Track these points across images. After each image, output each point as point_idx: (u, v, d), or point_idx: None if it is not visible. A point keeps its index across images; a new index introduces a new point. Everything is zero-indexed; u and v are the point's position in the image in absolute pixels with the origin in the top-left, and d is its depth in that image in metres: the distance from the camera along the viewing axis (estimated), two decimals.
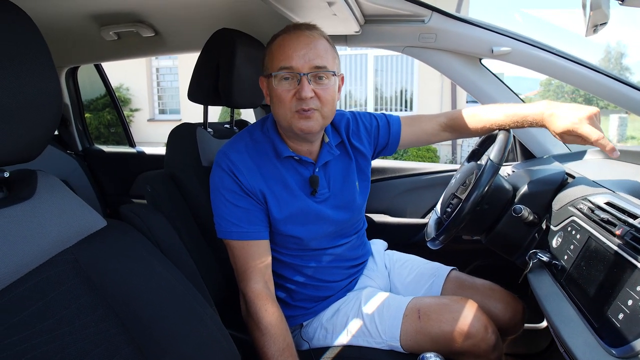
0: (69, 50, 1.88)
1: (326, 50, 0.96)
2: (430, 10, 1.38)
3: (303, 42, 0.93)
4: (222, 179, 1.00)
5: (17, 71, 0.55)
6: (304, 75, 0.92)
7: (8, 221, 0.58)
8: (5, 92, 0.54)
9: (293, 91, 0.94)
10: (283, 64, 0.93)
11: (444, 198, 1.20)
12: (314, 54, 0.93)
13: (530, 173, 1.12)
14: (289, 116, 0.95)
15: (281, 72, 0.93)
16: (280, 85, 0.94)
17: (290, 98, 0.94)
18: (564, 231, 0.89)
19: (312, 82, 0.93)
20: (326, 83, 0.95)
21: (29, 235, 0.60)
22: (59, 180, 0.69)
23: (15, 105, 0.55)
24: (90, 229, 0.68)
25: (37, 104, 0.58)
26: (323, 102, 0.95)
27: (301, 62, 0.92)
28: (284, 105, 0.95)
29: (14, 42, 0.56)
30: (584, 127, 0.94)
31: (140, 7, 1.42)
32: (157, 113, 9.16)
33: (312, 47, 0.93)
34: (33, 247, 0.59)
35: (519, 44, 1.36)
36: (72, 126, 2.28)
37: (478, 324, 0.98)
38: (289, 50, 0.93)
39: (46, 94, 0.59)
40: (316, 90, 0.94)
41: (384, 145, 1.20)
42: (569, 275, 0.80)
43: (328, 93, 0.95)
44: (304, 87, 0.92)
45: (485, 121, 1.14)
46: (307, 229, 1.05)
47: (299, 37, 0.94)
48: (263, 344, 0.93)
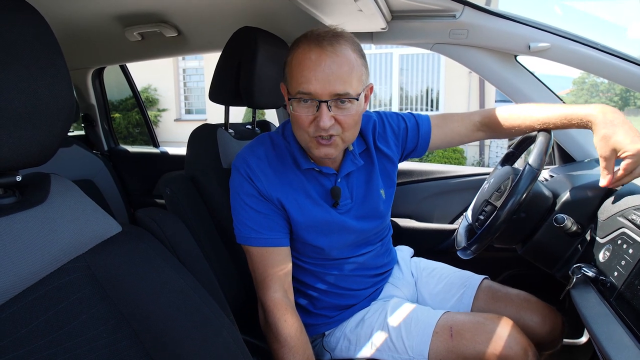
0: (95, 52, 1.91)
1: (351, 70, 0.85)
2: (462, 5, 1.30)
3: (324, 64, 0.83)
4: (241, 183, 0.96)
5: (30, 74, 0.53)
6: (323, 102, 0.84)
7: (20, 227, 0.56)
8: (18, 95, 0.52)
9: (311, 117, 0.87)
10: (302, 88, 0.85)
11: (476, 204, 1.12)
12: (336, 79, 0.83)
13: (572, 178, 1.03)
14: (307, 140, 0.90)
15: (300, 96, 0.86)
16: (299, 108, 0.87)
17: (308, 123, 0.87)
18: (613, 244, 0.81)
19: (333, 107, 0.86)
20: (348, 108, 0.87)
21: (41, 241, 0.57)
22: (72, 183, 0.66)
23: (28, 109, 0.53)
24: (105, 235, 0.66)
25: (50, 107, 0.56)
26: (344, 127, 0.88)
27: (321, 88, 0.84)
28: (302, 129, 0.89)
29: (27, 43, 0.53)
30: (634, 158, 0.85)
31: (163, 7, 1.41)
32: (184, 113, 9.33)
33: (334, 70, 0.83)
34: (45, 254, 0.57)
35: (558, 39, 1.26)
36: (98, 126, 2.32)
37: (517, 346, 0.90)
38: (308, 72, 0.84)
39: (59, 97, 0.57)
40: (337, 117, 0.86)
41: (412, 148, 1.14)
42: (620, 294, 0.72)
43: (350, 118, 0.88)
44: (323, 116, 0.84)
45: (525, 119, 1.05)
46: (330, 239, 1.01)
47: (320, 56, 0.83)
48: (282, 356, 0.89)
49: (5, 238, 0.54)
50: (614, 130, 0.87)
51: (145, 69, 8.12)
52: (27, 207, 0.58)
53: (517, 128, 1.07)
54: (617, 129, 0.87)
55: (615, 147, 0.86)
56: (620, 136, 0.86)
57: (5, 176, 0.57)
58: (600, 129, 0.89)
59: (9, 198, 0.58)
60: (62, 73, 0.57)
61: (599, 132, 0.90)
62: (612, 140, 0.87)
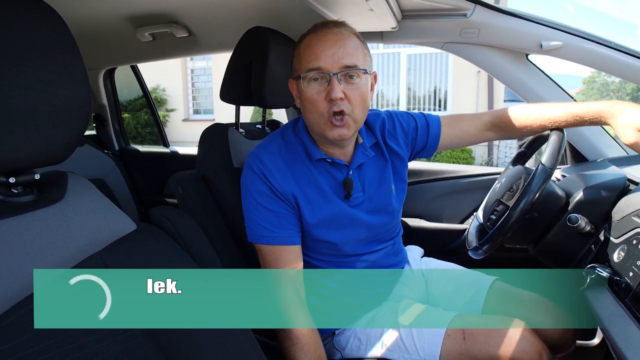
0: (106, 52, 1.93)
1: (356, 47, 0.91)
2: (473, 4, 1.30)
3: (331, 41, 0.89)
4: (254, 181, 0.97)
5: (49, 74, 0.54)
6: (333, 75, 0.88)
7: (39, 224, 0.57)
8: (37, 95, 0.53)
9: (323, 93, 0.90)
10: (311, 64, 0.89)
11: (487, 204, 1.12)
12: (343, 52, 0.89)
13: (585, 178, 1.02)
14: (322, 122, 0.92)
15: (310, 73, 0.90)
16: (310, 87, 0.91)
17: (321, 101, 0.90)
18: (628, 244, 0.80)
19: (343, 82, 0.90)
20: (357, 82, 0.91)
21: (59, 238, 0.58)
22: (89, 182, 0.67)
23: (48, 108, 0.54)
24: (120, 233, 0.67)
25: (69, 107, 0.57)
26: (353, 104, 0.91)
27: (330, 61, 0.88)
28: (315, 109, 0.91)
29: (47, 44, 0.54)
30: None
31: (174, 8, 1.43)
32: (192, 113, 9.39)
33: (340, 45, 0.89)
34: (62, 250, 0.58)
35: (571, 37, 1.25)
36: (109, 126, 2.34)
37: (531, 350, 0.89)
38: (317, 50, 0.89)
39: (77, 97, 0.58)
40: (346, 92, 0.90)
41: (421, 147, 1.14)
42: (635, 295, 0.71)
43: (359, 94, 0.91)
44: (334, 87, 0.88)
45: (537, 119, 1.05)
46: (341, 234, 1.01)
47: (327, 35, 0.90)
48: (294, 355, 0.90)
49: (25, 235, 0.55)
50: (629, 115, 0.93)
51: (154, 69, 8.18)
52: (45, 204, 0.59)
53: (529, 127, 1.07)
54: (631, 113, 0.93)
55: (637, 127, 0.91)
56: (636, 116, 0.91)
57: (25, 174, 0.58)
58: (616, 118, 0.94)
59: (27, 196, 0.59)
60: (80, 74, 0.58)
61: (617, 122, 0.94)
62: (631, 122, 0.92)
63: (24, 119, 0.52)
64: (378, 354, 1.00)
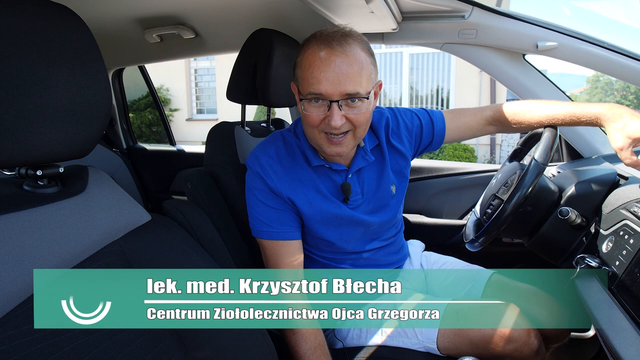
0: (115, 53, 1.98)
1: (360, 69, 0.87)
2: (471, 6, 1.34)
3: (334, 64, 0.85)
4: (253, 180, 1.01)
5: (74, 74, 0.59)
6: (334, 102, 0.87)
7: (63, 213, 0.61)
8: (63, 94, 0.57)
9: (322, 116, 0.89)
10: (313, 88, 0.87)
11: (484, 199, 1.16)
12: (346, 78, 0.86)
13: (578, 174, 1.06)
14: (318, 138, 0.93)
15: (311, 96, 0.89)
16: (310, 108, 0.90)
17: (319, 122, 0.90)
18: (616, 235, 0.84)
19: (344, 106, 0.88)
20: (359, 106, 0.89)
21: (82, 227, 0.63)
22: (107, 175, 0.72)
23: (72, 106, 0.59)
24: (136, 223, 0.72)
25: (91, 104, 0.61)
26: (356, 125, 0.91)
27: (331, 88, 0.86)
28: (313, 128, 0.92)
29: (72, 46, 0.59)
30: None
31: (181, 10, 1.47)
32: (195, 113, 9.44)
33: (344, 70, 0.85)
34: (85, 238, 0.63)
35: (566, 38, 1.29)
36: (117, 125, 2.39)
37: (520, 328, 0.94)
38: (319, 73, 0.86)
39: (99, 95, 0.62)
40: (348, 116, 0.89)
41: (427, 143, 1.16)
42: (620, 282, 0.76)
43: (361, 116, 0.90)
44: (334, 115, 0.87)
45: (535, 115, 1.09)
46: (339, 232, 1.05)
47: (330, 56, 0.85)
48: (294, 343, 0.93)
49: (52, 223, 0.59)
50: (624, 122, 0.95)
51: (158, 70, 8.22)
52: (68, 195, 0.64)
53: (527, 123, 1.11)
54: (627, 120, 0.95)
55: (629, 135, 0.93)
56: (632, 125, 0.94)
57: (50, 167, 0.63)
58: (612, 122, 0.97)
59: (52, 188, 0.64)
60: (101, 73, 0.63)
61: (611, 126, 0.96)
62: (625, 130, 0.94)
63: (52, 116, 0.57)
64: (379, 342, 1.04)
